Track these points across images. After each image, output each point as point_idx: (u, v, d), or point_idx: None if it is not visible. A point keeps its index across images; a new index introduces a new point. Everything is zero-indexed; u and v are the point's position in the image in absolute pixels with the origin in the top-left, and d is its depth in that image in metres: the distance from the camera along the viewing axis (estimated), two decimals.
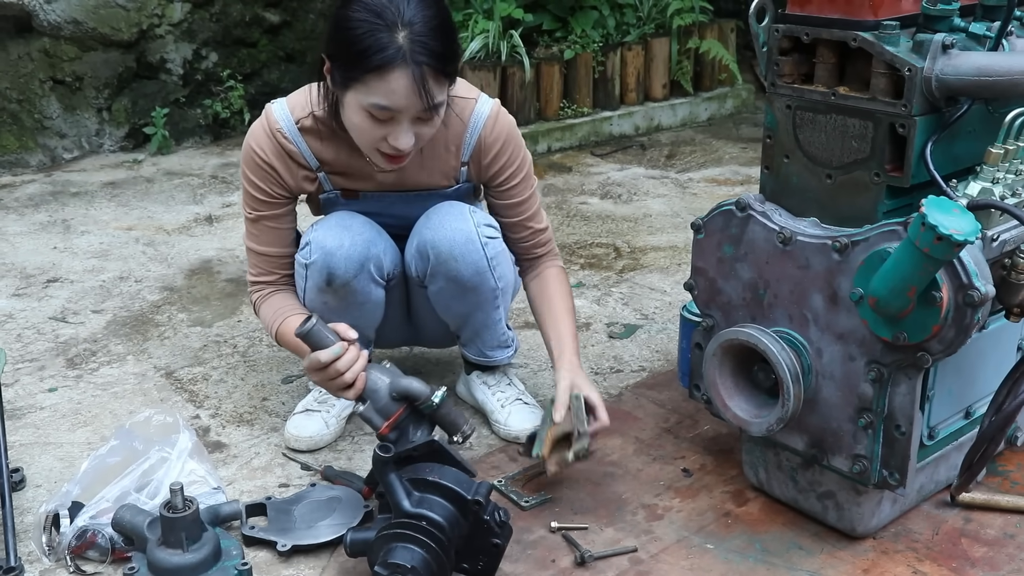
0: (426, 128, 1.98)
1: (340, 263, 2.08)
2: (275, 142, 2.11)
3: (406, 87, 1.88)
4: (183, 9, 4.80)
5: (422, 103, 1.90)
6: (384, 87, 1.89)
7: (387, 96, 1.89)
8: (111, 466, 2.00)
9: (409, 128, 1.95)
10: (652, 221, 3.76)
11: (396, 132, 1.94)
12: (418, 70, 1.87)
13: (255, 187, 2.15)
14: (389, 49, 1.86)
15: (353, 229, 2.12)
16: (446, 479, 1.75)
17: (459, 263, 2.10)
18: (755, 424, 1.84)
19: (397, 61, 1.86)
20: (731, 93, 5.34)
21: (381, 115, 1.93)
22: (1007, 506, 1.98)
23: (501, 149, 2.17)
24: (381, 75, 1.88)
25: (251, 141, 2.14)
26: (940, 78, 1.65)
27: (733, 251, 1.86)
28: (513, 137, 2.20)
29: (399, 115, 1.92)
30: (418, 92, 1.88)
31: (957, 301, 1.58)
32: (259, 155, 2.12)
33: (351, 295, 2.13)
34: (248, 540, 1.94)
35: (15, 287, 3.22)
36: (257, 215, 2.17)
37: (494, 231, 2.16)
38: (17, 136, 4.53)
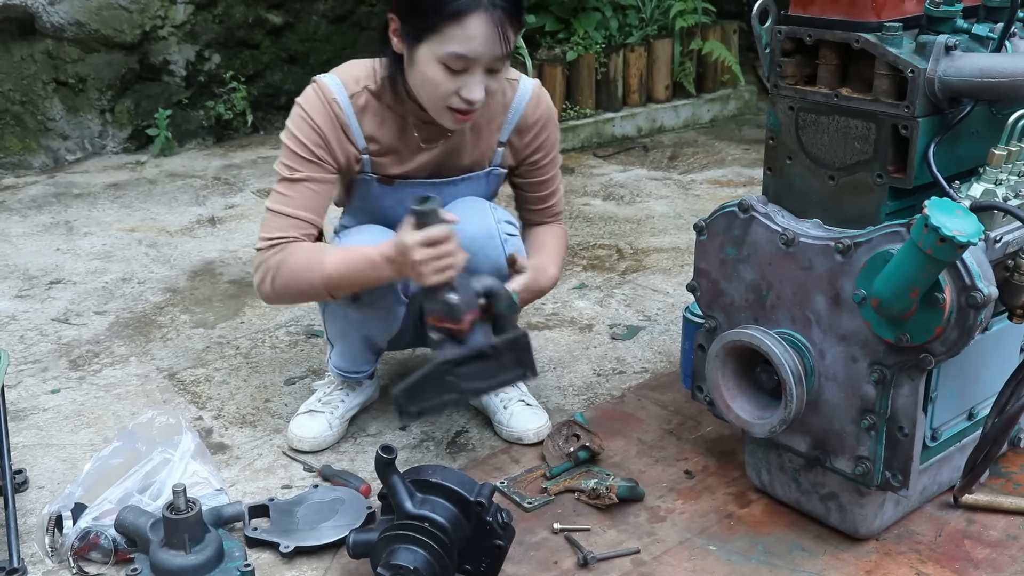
0: (493, 81, 1.99)
1: None
2: (330, 112, 2.06)
3: (485, 33, 1.89)
4: (186, 11, 4.81)
5: (500, 49, 1.91)
6: (462, 34, 1.89)
7: (465, 43, 1.90)
8: (114, 467, 2.00)
9: (482, 79, 1.95)
10: (654, 222, 3.76)
11: (470, 83, 1.94)
12: (497, 13, 1.88)
13: (302, 146, 2.05)
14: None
15: None
16: (448, 480, 1.75)
17: (478, 257, 2.09)
18: (758, 426, 1.84)
19: (475, 7, 1.87)
20: (733, 94, 5.34)
21: (456, 65, 1.92)
22: (1010, 507, 1.98)
23: (542, 128, 2.19)
24: (460, 21, 1.88)
25: (304, 105, 2.07)
26: (943, 79, 1.65)
27: (736, 252, 1.86)
28: (553, 118, 2.22)
29: (474, 64, 1.92)
30: (498, 37, 1.90)
31: (960, 303, 1.58)
32: (312, 119, 2.06)
33: (375, 311, 2.15)
34: (251, 541, 1.94)
35: (18, 288, 3.23)
36: (298, 176, 2.06)
37: (513, 228, 2.16)
38: (20, 138, 4.53)
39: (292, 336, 2.85)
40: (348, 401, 2.34)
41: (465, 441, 2.32)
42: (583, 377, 2.60)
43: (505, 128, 2.16)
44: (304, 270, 2.01)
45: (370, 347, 2.29)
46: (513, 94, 2.15)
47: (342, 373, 2.33)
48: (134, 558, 1.82)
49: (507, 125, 2.16)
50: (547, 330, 2.87)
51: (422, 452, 2.27)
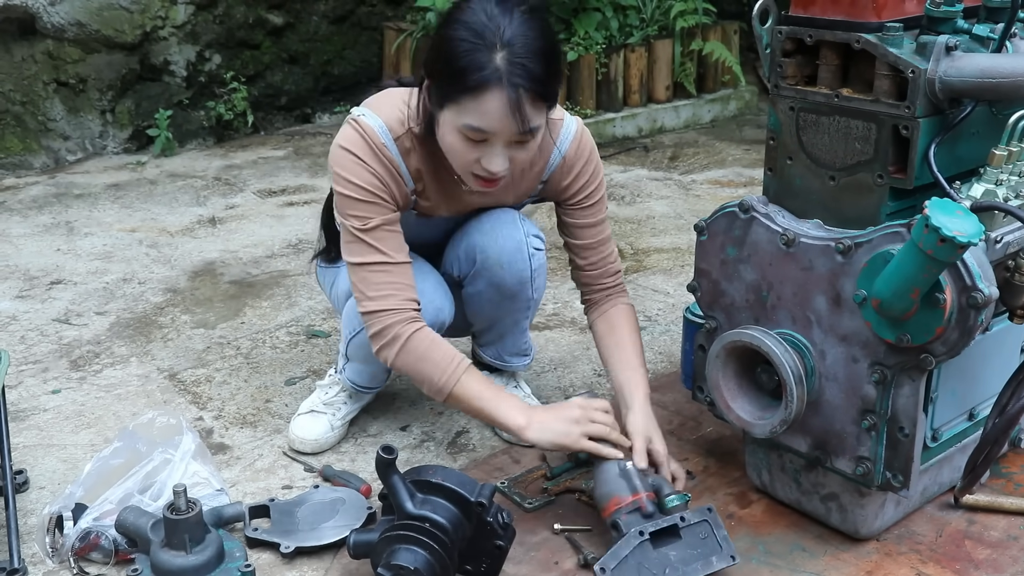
0: (521, 152, 1.90)
1: None
2: (381, 157, 1.96)
3: (500, 109, 1.80)
4: (186, 11, 4.81)
5: (517, 127, 1.82)
6: (478, 108, 1.81)
7: (481, 118, 1.82)
8: (114, 468, 2.00)
9: (503, 151, 1.87)
10: (655, 223, 3.76)
11: (489, 155, 1.86)
12: (514, 92, 1.79)
13: (367, 192, 1.95)
14: (486, 69, 1.78)
15: (427, 295, 2.05)
16: (449, 481, 1.75)
17: (505, 271, 2.09)
18: (758, 426, 1.84)
19: (492, 82, 1.79)
20: (734, 95, 5.35)
21: (475, 136, 1.85)
22: (1011, 508, 1.98)
23: (583, 169, 2.12)
24: (476, 96, 1.80)
25: (354, 150, 1.96)
26: (943, 80, 1.65)
27: (736, 253, 1.86)
28: (595, 158, 2.15)
29: (493, 138, 1.85)
30: (513, 115, 1.81)
31: (961, 303, 1.58)
32: (365, 163, 1.95)
33: None
34: (251, 542, 1.94)
35: (19, 289, 3.23)
36: (373, 223, 1.96)
37: (541, 242, 2.15)
38: (21, 138, 4.53)
39: (293, 336, 2.85)
40: (350, 404, 2.34)
41: (466, 441, 2.32)
42: (584, 377, 2.59)
43: (547, 168, 2.10)
44: (436, 370, 1.96)
45: (387, 371, 2.29)
46: (557, 134, 2.08)
47: (356, 387, 2.31)
48: (134, 558, 1.82)
49: (549, 166, 2.10)
50: (548, 330, 2.87)
51: (423, 452, 2.27)
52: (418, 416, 2.42)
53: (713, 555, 1.79)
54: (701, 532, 1.80)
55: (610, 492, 1.85)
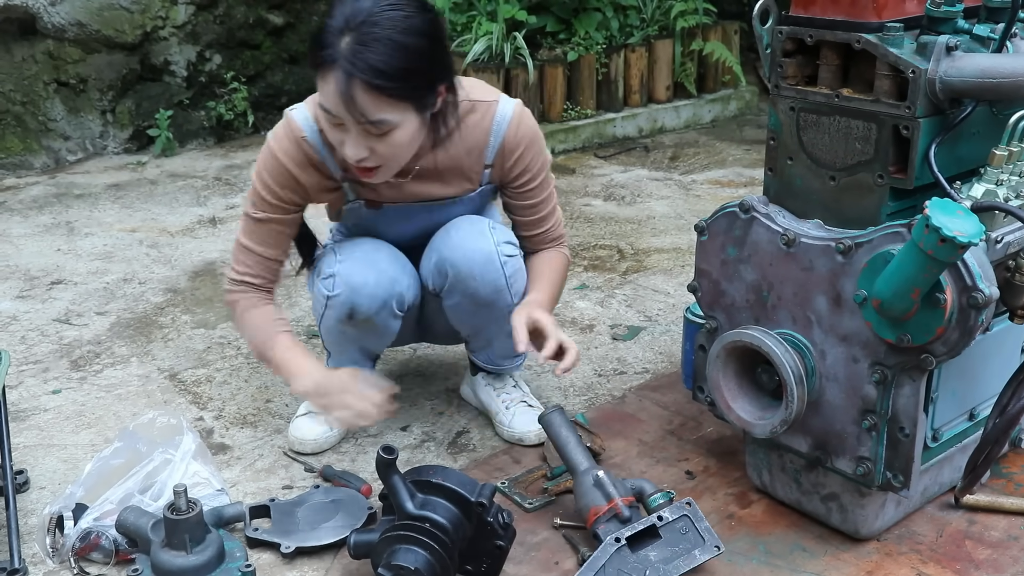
0: (381, 145, 1.89)
1: (364, 300, 2.07)
2: (301, 151, 2.03)
3: (335, 93, 1.82)
4: (187, 11, 4.81)
5: (353, 115, 1.82)
6: (323, 87, 1.85)
7: (324, 97, 1.86)
8: (115, 468, 2.00)
9: (359, 140, 1.87)
10: (655, 223, 3.76)
11: (347, 140, 1.88)
12: (345, 78, 1.79)
13: (270, 191, 2.07)
14: (327, 49, 1.81)
15: (379, 266, 2.09)
16: (449, 481, 1.75)
17: (478, 282, 2.09)
18: (759, 426, 1.84)
19: (328, 63, 1.81)
20: (734, 95, 5.34)
21: (329, 118, 1.88)
22: (1011, 508, 1.98)
23: (524, 151, 2.12)
24: (320, 74, 1.84)
25: (275, 146, 2.05)
26: (944, 80, 1.65)
27: (737, 253, 1.86)
28: (537, 139, 2.15)
29: (345, 122, 1.86)
30: (344, 101, 1.81)
31: (961, 303, 1.58)
32: (283, 162, 2.04)
33: (370, 328, 2.14)
34: (252, 542, 1.94)
35: (19, 289, 3.23)
36: (265, 216, 2.10)
37: (514, 248, 2.14)
38: (21, 138, 4.53)
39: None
40: None
41: (466, 441, 2.32)
42: (584, 378, 2.60)
43: (488, 151, 2.10)
44: (254, 338, 2.15)
45: (366, 355, 2.30)
46: (492, 117, 2.07)
47: None
48: (135, 559, 1.82)
49: (490, 148, 2.10)
50: None
51: (423, 452, 2.27)
52: (418, 416, 2.42)
53: (696, 548, 1.80)
54: (681, 528, 1.81)
55: (588, 503, 1.87)
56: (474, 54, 4.53)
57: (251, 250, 2.13)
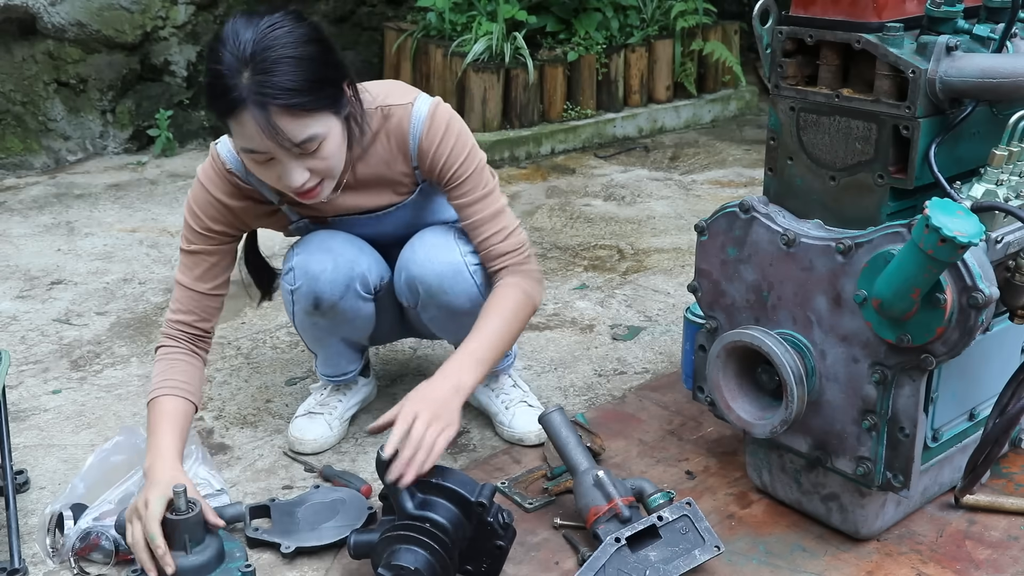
0: (317, 162, 1.85)
1: (325, 287, 2.06)
2: (230, 184, 2.01)
3: (256, 130, 1.76)
4: (187, 11, 4.81)
5: (280, 143, 1.78)
6: (241, 132, 1.79)
7: (247, 140, 1.80)
8: (115, 466, 2.00)
9: (295, 165, 1.83)
10: (655, 223, 3.76)
11: (284, 172, 1.84)
12: (261, 112, 1.75)
13: (201, 224, 2.03)
14: (232, 92, 1.75)
15: (335, 250, 2.08)
16: (449, 481, 1.75)
17: (450, 295, 2.07)
18: (759, 426, 1.84)
19: (239, 105, 1.75)
20: (735, 95, 5.34)
21: (257, 158, 1.83)
22: (1011, 508, 1.98)
23: (440, 145, 2.01)
24: (234, 119, 1.78)
25: (203, 179, 2.02)
26: (944, 80, 1.65)
27: (737, 253, 1.86)
28: (452, 132, 2.02)
29: (275, 153, 1.81)
30: (268, 133, 1.76)
31: (961, 303, 1.58)
32: (212, 193, 2.01)
33: (339, 315, 2.13)
34: (252, 542, 1.94)
35: (19, 289, 3.23)
36: (198, 248, 2.05)
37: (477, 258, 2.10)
38: (21, 138, 4.53)
39: (293, 336, 2.84)
40: (345, 401, 2.34)
41: (466, 441, 2.32)
42: (584, 378, 2.60)
43: (412, 154, 2.05)
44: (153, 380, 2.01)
45: (351, 347, 2.29)
46: (408, 119, 2.01)
47: (330, 379, 2.33)
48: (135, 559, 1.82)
49: (412, 151, 2.04)
50: (548, 331, 2.87)
51: None
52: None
53: (696, 548, 1.79)
54: (681, 528, 1.81)
55: (588, 503, 1.87)
56: (474, 54, 4.53)
57: (184, 286, 2.06)
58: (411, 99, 2.03)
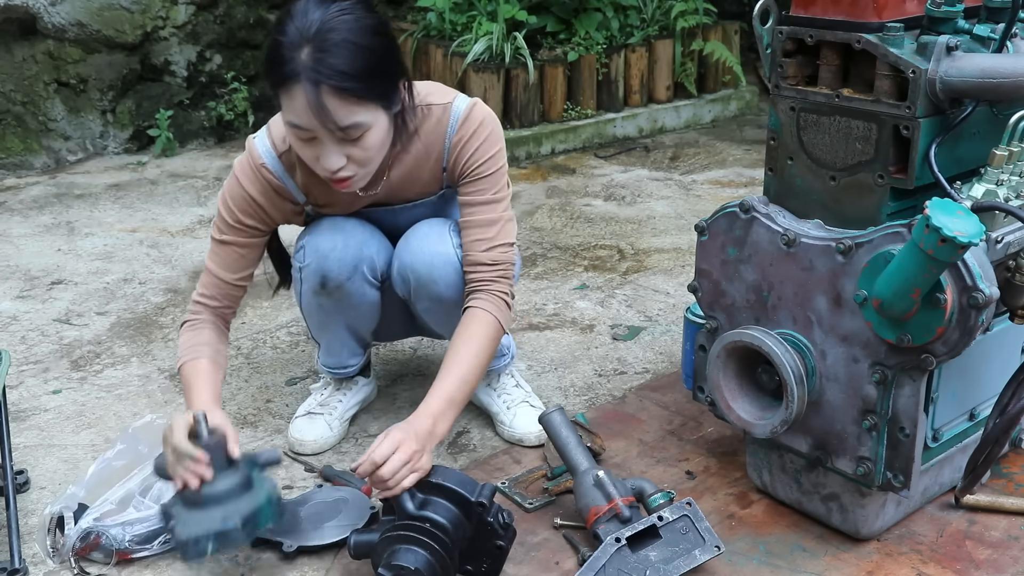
0: (357, 150, 1.87)
1: (333, 266, 2.08)
2: (261, 179, 2.04)
3: (303, 106, 1.79)
4: (187, 11, 4.81)
5: (323, 123, 1.81)
6: (290, 105, 1.82)
7: (294, 114, 1.83)
8: (116, 469, 2.01)
9: (335, 149, 1.86)
10: (656, 223, 3.76)
11: (323, 153, 1.86)
12: (313, 89, 1.77)
13: (233, 216, 2.06)
14: (288, 65, 1.78)
15: (346, 231, 2.11)
16: (450, 481, 1.75)
17: (439, 285, 2.08)
18: (759, 426, 1.84)
19: (293, 78, 1.78)
20: (735, 95, 5.35)
21: (300, 134, 1.86)
22: (1011, 508, 1.98)
23: (472, 136, 2.04)
24: (285, 92, 1.81)
25: (238, 173, 2.06)
26: (944, 80, 1.65)
27: (737, 253, 1.86)
28: (485, 126, 2.05)
29: (318, 134, 1.84)
30: (314, 111, 1.79)
31: (961, 303, 1.58)
32: (246, 188, 2.04)
33: (345, 297, 2.13)
34: (254, 541, 1.94)
35: (19, 289, 3.23)
36: (229, 239, 2.08)
37: None
38: (22, 138, 4.54)
39: (293, 337, 2.85)
40: (346, 401, 2.34)
41: (466, 442, 2.32)
42: (584, 378, 2.60)
43: (444, 154, 2.07)
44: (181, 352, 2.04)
45: (355, 338, 2.29)
46: (447, 119, 2.05)
47: (331, 370, 2.33)
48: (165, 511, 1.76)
49: (446, 151, 2.07)
50: (548, 331, 2.87)
51: None
52: None
53: (696, 549, 1.79)
54: (682, 528, 1.81)
55: (588, 503, 1.87)
56: (474, 54, 4.53)
57: (212, 273, 2.09)
58: (451, 99, 2.06)
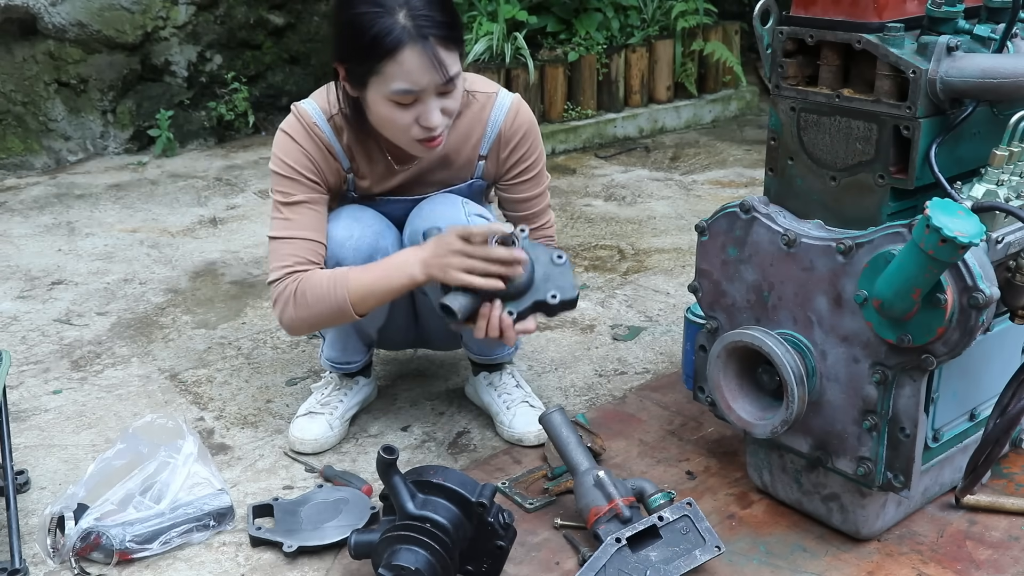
0: (450, 101, 1.98)
1: (348, 254, 2.08)
2: (313, 136, 2.09)
3: (420, 64, 1.89)
4: (187, 11, 4.81)
5: (439, 76, 1.91)
6: (400, 70, 1.90)
7: (406, 78, 1.90)
8: (116, 469, 2.00)
9: (435, 104, 1.96)
10: (656, 223, 3.76)
11: (424, 112, 1.95)
12: (427, 44, 1.88)
13: (292, 170, 2.07)
14: (395, 30, 1.87)
15: (363, 221, 2.12)
16: (450, 481, 1.75)
17: None
18: (759, 426, 1.84)
19: (405, 40, 1.87)
20: (735, 95, 5.34)
21: (405, 99, 1.93)
22: (1012, 508, 1.98)
23: (521, 140, 2.18)
24: (394, 58, 1.89)
25: (289, 131, 2.09)
26: (944, 80, 1.65)
27: (737, 253, 1.86)
28: (533, 130, 2.20)
29: (423, 94, 1.93)
30: (433, 65, 1.90)
31: (962, 303, 1.58)
32: (301, 145, 2.08)
33: None
34: (254, 541, 1.94)
35: (20, 289, 3.23)
36: (295, 199, 2.07)
37: (484, 221, 2.14)
38: (22, 138, 4.54)
39: (294, 337, 2.85)
40: (347, 401, 2.34)
41: (467, 442, 2.32)
42: (585, 378, 2.60)
43: (484, 142, 2.15)
44: (328, 290, 2.00)
45: (361, 336, 2.29)
46: (491, 107, 2.15)
47: (334, 365, 2.34)
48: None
49: (486, 139, 2.15)
50: (548, 331, 2.87)
51: (423, 453, 2.27)
52: (419, 416, 2.42)
53: (696, 549, 1.80)
54: (682, 528, 1.81)
55: (588, 503, 1.88)
56: (475, 54, 4.53)
57: (290, 238, 2.05)
58: (495, 89, 2.18)
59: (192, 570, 1.89)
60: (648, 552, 1.78)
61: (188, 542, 1.94)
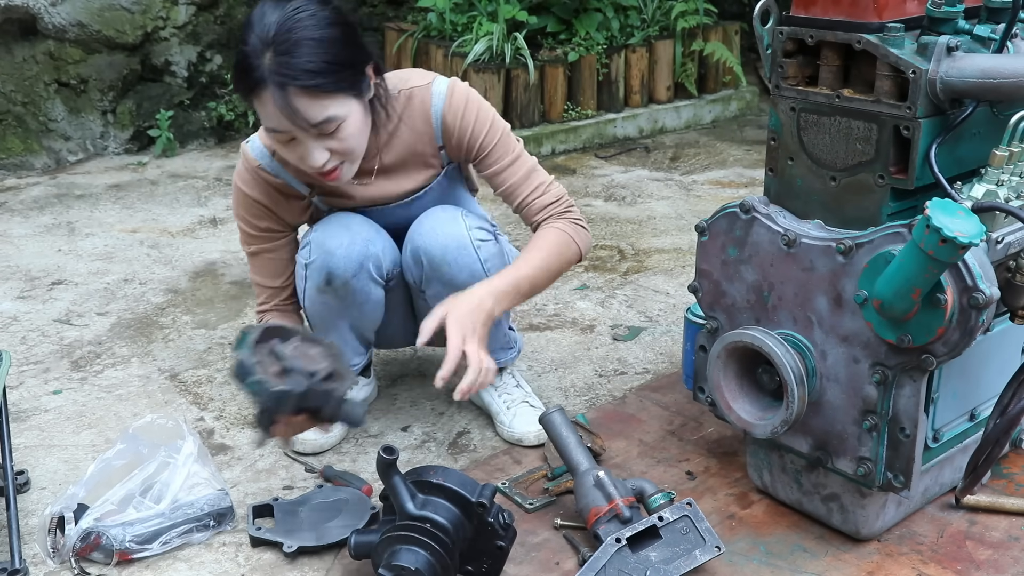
0: (335, 143, 1.92)
1: (339, 262, 2.09)
2: (261, 180, 2.10)
3: (274, 111, 1.84)
4: (187, 12, 4.81)
5: (301, 123, 1.85)
6: (263, 110, 1.88)
7: (269, 119, 1.88)
8: (116, 469, 2.00)
9: (315, 145, 1.90)
10: (656, 223, 3.76)
11: (305, 152, 1.92)
12: (282, 92, 1.82)
13: (249, 224, 2.15)
14: (255, 72, 1.83)
15: (352, 228, 2.12)
16: (450, 481, 1.75)
17: (452, 268, 2.10)
18: (759, 426, 1.84)
19: (260, 84, 1.83)
20: (735, 95, 5.34)
21: (280, 137, 1.91)
22: (1012, 508, 1.98)
23: (463, 119, 2.10)
24: (257, 99, 1.87)
25: (238, 182, 2.13)
26: (944, 80, 1.65)
27: (737, 253, 1.86)
28: (472, 105, 2.11)
29: (298, 133, 1.88)
30: (286, 114, 1.84)
31: (962, 303, 1.58)
32: (249, 194, 2.11)
33: (350, 295, 2.13)
34: (254, 541, 1.94)
35: (20, 289, 3.23)
36: (256, 249, 2.18)
37: (487, 233, 2.15)
38: (22, 139, 4.53)
39: None
40: None
41: (467, 442, 2.32)
42: (585, 378, 2.60)
43: (436, 133, 2.13)
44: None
45: (358, 337, 2.29)
46: (429, 99, 2.10)
47: None
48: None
49: (436, 130, 2.13)
50: (548, 331, 2.87)
51: (424, 453, 2.27)
52: (419, 417, 2.42)
53: (696, 549, 1.80)
54: (682, 528, 1.81)
55: (588, 504, 1.88)
56: (475, 54, 4.53)
57: (259, 284, 2.23)
58: (430, 79, 2.13)
59: (192, 570, 1.89)
60: (648, 552, 1.78)
61: (188, 542, 1.94)
